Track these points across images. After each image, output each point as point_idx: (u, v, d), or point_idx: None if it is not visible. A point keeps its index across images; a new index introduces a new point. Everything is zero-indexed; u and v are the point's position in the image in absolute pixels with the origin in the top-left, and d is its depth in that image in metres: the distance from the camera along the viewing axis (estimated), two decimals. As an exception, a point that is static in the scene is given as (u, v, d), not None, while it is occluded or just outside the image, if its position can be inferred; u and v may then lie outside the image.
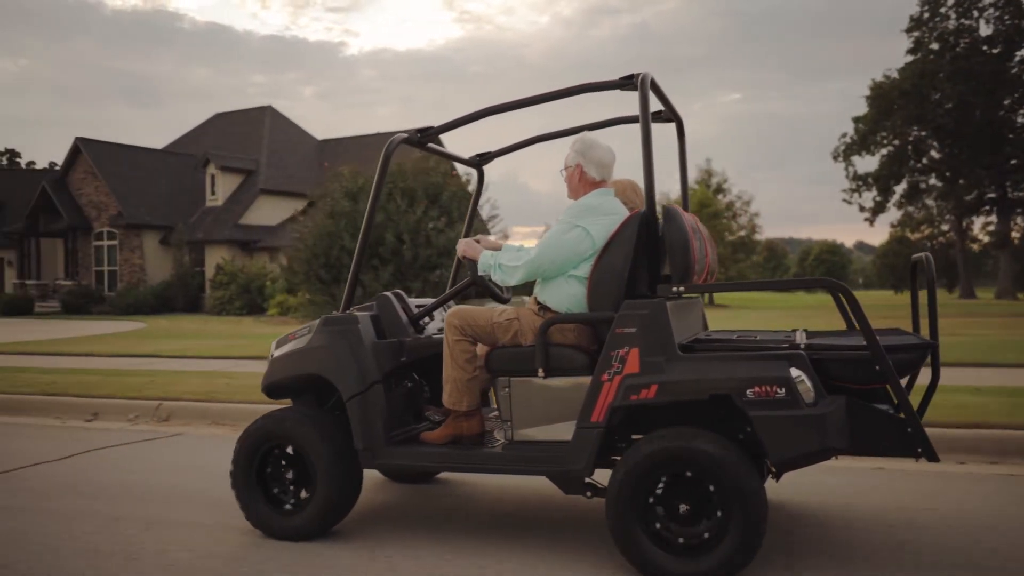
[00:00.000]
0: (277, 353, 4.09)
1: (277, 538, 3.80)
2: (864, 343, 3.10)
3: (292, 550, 3.67)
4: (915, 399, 3.41)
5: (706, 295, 36.57)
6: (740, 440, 3.33)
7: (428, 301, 4.38)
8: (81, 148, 33.04)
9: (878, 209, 48.58)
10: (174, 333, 18.44)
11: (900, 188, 47.35)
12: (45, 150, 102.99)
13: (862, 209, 48.38)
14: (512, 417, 3.56)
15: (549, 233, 3.65)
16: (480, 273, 3.77)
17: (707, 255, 3.75)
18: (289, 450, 3.82)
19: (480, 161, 4.81)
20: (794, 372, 3.04)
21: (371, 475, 4.90)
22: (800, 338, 3.49)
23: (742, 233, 36.21)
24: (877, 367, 3.06)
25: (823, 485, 4.65)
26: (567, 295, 3.54)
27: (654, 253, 3.39)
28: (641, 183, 3.77)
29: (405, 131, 4.04)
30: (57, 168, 42.14)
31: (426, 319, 4.18)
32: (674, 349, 3.20)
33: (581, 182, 3.67)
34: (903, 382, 3.36)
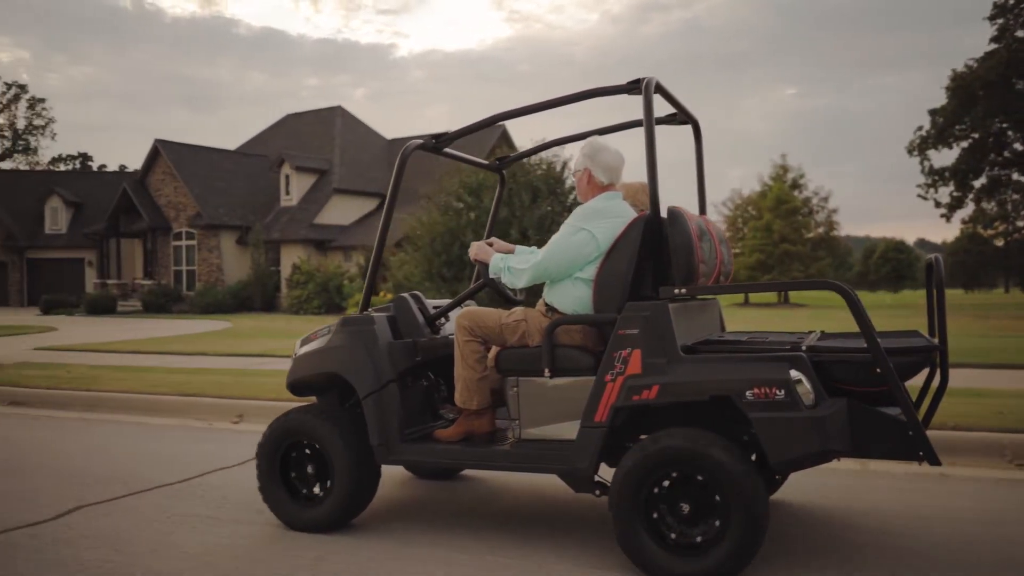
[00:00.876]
0: (300, 352, 4.23)
1: (297, 529, 3.98)
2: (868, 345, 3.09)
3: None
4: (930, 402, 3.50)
5: (781, 295, 35.81)
6: (745, 441, 3.35)
7: (446, 302, 4.53)
8: (160, 150, 33.67)
9: (955, 204, 46.79)
10: (265, 332, 18.57)
11: (979, 183, 45.55)
12: (114, 154, 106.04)
13: (938, 205, 46.70)
14: (520, 416, 3.65)
15: (555, 236, 3.70)
16: (491, 275, 3.86)
17: (717, 256, 3.77)
18: (314, 445, 4.00)
19: (499, 166, 4.94)
20: (794, 374, 3.05)
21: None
22: (811, 340, 3.50)
23: (820, 230, 35.17)
24: (878, 369, 3.04)
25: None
26: (573, 297, 3.61)
27: (658, 255, 3.43)
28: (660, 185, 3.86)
29: (420, 137, 4.22)
30: (127, 171, 43.15)
31: (442, 320, 4.26)
32: (676, 350, 3.23)
33: (590, 185, 3.74)
34: (919, 383, 3.48)
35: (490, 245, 4.05)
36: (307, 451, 4.04)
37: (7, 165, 54.56)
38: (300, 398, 4.61)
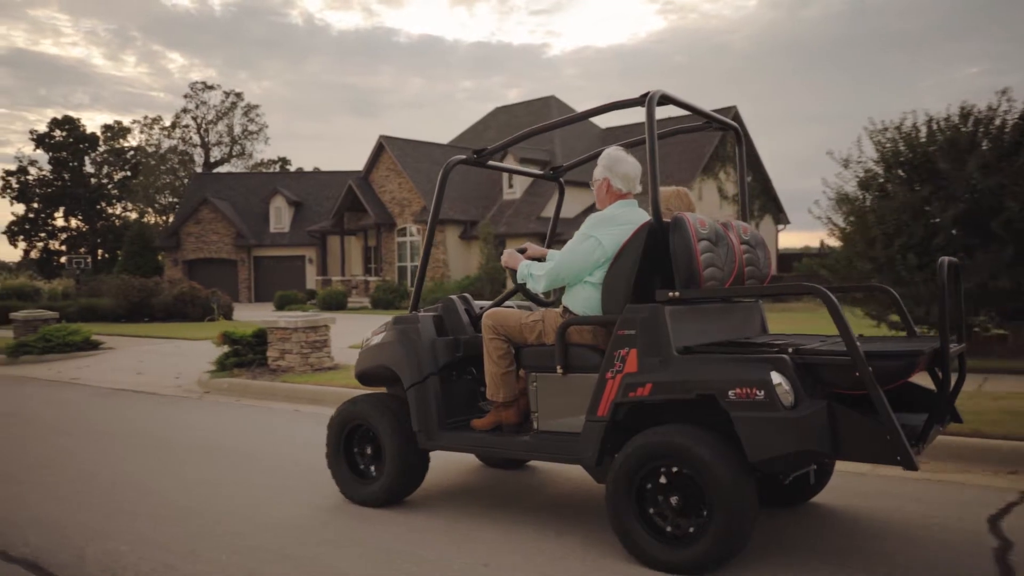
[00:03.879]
0: (365, 346, 4.68)
1: (357, 503, 4.50)
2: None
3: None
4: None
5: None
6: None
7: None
8: (385, 146, 33.78)
9: None
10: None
11: None
12: (302, 159, 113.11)
13: None
14: (538, 409, 3.96)
15: (568, 243, 3.96)
16: (520, 281, 4.17)
17: (736, 260, 3.88)
18: (369, 430, 4.49)
19: (555, 175, 5.19)
20: (774, 376, 3.14)
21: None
22: (831, 344, 3.53)
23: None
24: (857, 373, 3.07)
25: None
26: (583, 299, 3.88)
27: (660, 260, 3.60)
28: (690, 191, 4.48)
29: (463, 153, 5.19)
30: (320, 172, 44.21)
31: None
32: (670, 350, 3.43)
33: (608, 194, 3.98)
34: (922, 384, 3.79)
35: (523, 251, 4.42)
36: (366, 435, 4.55)
37: (223, 169, 57.75)
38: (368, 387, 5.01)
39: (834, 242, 10.14)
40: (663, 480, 3.39)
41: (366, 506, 4.45)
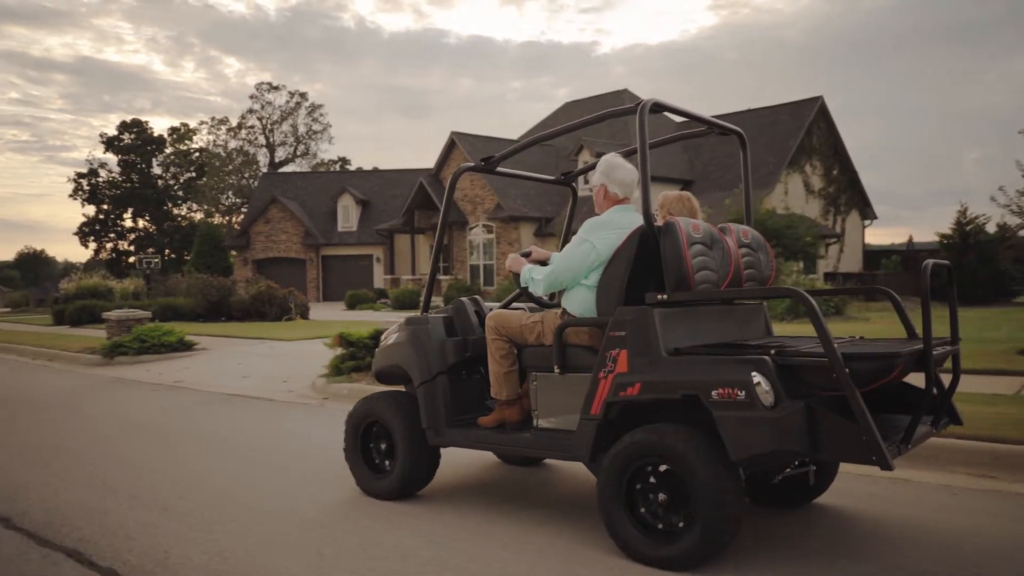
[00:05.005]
0: (382, 346, 4.86)
1: (372, 496, 4.67)
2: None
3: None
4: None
5: None
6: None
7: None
8: (456, 142, 33.17)
9: None
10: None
11: None
12: (357, 159, 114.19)
13: None
14: (537, 407, 4.09)
15: (566, 247, 4.07)
16: (522, 284, 4.29)
17: (731, 263, 3.94)
18: (383, 426, 4.67)
19: (566, 180, 5.41)
20: (755, 377, 3.20)
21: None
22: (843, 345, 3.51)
23: None
24: (834, 375, 3.11)
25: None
26: (579, 301, 3.97)
27: (653, 264, 3.69)
28: (694, 195, 4.41)
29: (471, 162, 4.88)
30: (387, 170, 43.79)
31: None
32: (659, 351, 3.51)
33: (606, 199, 4.06)
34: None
35: (527, 255, 4.53)
36: (381, 431, 4.74)
37: (288, 169, 57.94)
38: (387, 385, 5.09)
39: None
40: (650, 478, 3.49)
41: (379, 499, 4.62)
